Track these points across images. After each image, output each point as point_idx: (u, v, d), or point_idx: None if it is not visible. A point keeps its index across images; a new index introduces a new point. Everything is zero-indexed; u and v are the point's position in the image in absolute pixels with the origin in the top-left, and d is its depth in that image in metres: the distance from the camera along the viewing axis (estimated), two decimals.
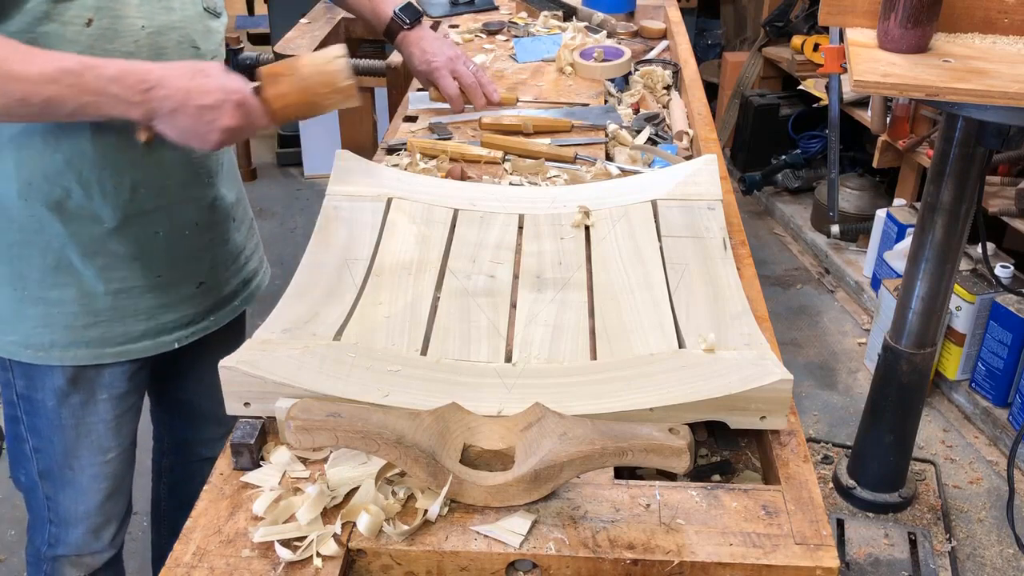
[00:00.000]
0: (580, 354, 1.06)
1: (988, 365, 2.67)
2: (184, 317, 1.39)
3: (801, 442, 0.97)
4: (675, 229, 1.30)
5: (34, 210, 1.23)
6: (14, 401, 1.37)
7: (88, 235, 1.26)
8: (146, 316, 1.35)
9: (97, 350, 1.32)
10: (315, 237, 1.27)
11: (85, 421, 1.37)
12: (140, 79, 1.09)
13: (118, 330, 1.33)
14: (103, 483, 1.43)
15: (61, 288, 1.28)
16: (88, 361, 1.33)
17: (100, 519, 1.45)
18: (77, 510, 1.43)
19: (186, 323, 1.40)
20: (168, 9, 1.23)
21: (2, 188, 1.22)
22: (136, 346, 1.35)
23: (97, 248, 1.27)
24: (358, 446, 0.86)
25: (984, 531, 2.36)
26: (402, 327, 1.10)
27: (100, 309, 1.30)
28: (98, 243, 1.27)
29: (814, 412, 2.84)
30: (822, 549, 0.84)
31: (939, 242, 1.93)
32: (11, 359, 1.32)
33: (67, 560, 1.47)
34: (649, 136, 1.70)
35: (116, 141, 1.22)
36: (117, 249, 1.28)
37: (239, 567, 0.83)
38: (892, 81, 1.42)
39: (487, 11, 2.52)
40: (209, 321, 1.44)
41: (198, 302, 1.41)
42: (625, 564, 0.83)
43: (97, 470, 1.41)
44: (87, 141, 1.20)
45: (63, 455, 1.39)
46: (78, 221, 1.25)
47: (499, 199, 1.40)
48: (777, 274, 3.62)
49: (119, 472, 1.45)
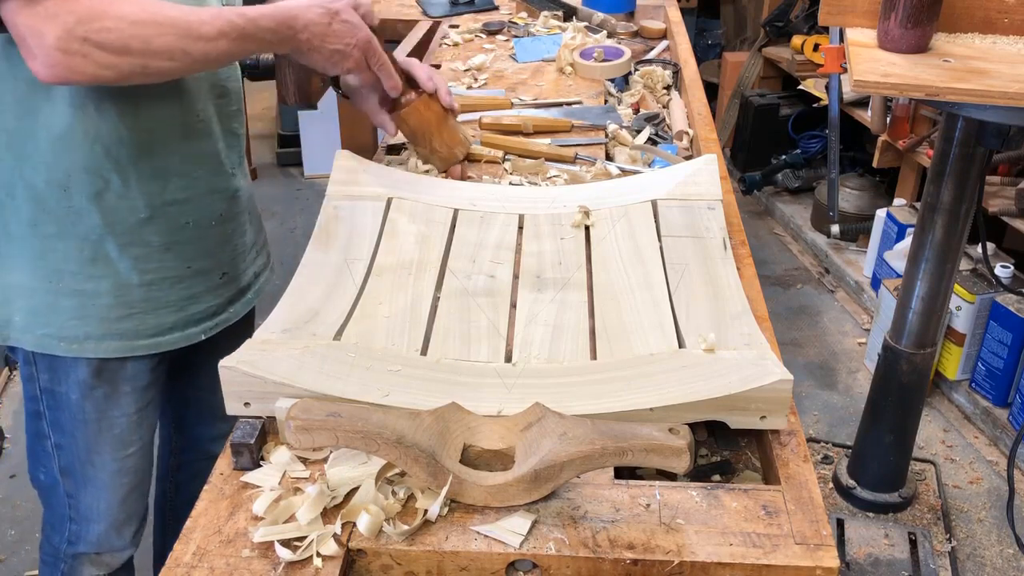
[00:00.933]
0: (580, 354, 1.06)
1: (988, 365, 2.67)
2: (210, 308, 1.41)
3: (801, 442, 0.97)
4: (675, 229, 1.30)
5: (73, 201, 1.24)
6: (37, 396, 1.37)
7: (125, 225, 1.27)
8: (176, 307, 1.36)
9: (130, 342, 1.33)
10: (315, 237, 1.28)
11: (108, 415, 1.37)
12: (289, 26, 1.22)
13: (151, 322, 1.34)
14: (125, 478, 1.43)
15: (97, 280, 1.29)
16: (121, 353, 1.33)
17: (122, 516, 1.46)
18: (99, 507, 1.43)
19: (212, 314, 1.41)
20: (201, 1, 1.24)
21: (41, 181, 1.23)
22: (166, 338, 1.36)
23: (133, 238, 1.28)
24: (358, 446, 0.86)
25: (984, 531, 2.36)
26: (402, 327, 1.10)
27: (134, 300, 1.31)
28: (134, 233, 1.28)
29: (814, 412, 2.84)
30: (822, 549, 0.84)
31: (939, 242, 1.93)
32: (39, 352, 1.32)
33: (87, 558, 1.47)
34: (649, 136, 1.70)
35: (154, 128, 1.24)
36: (151, 239, 1.30)
37: (239, 567, 0.83)
38: (892, 81, 1.42)
39: (487, 11, 2.52)
40: (230, 312, 1.45)
41: (221, 292, 1.42)
42: (625, 564, 0.83)
43: (119, 465, 1.41)
44: (126, 130, 1.22)
45: (85, 451, 1.39)
46: (116, 212, 1.26)
47: (499, 199, 1.40)
48: (777, 274, 3.62)
49: (140, 467, 1.45)
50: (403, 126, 1.48)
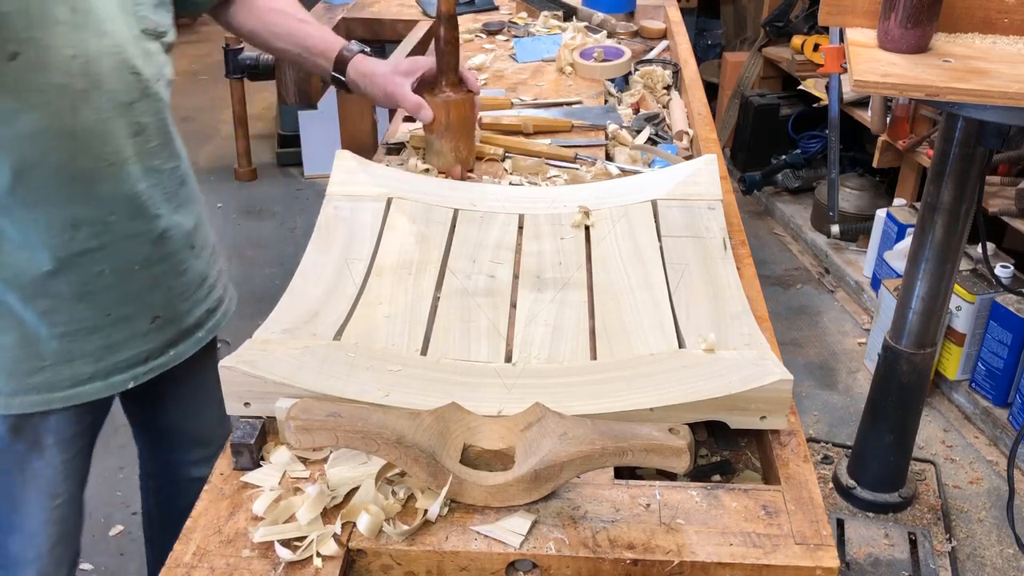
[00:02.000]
0: (580, 354, 1.06)
1: (988, 365, 2.67)
2: (140, 354, 1.32)
3: (801, 442, 0.97)
4: (675, 229, 1.30)
5: None
6: None
7: (26, 278, 1.19)
8: (95, 357, 1.27)
9: (45, 395, 1.25)
10: (315, 237, 1.27)
11: (31, 467, 1.30)
12: None
13: (66, 373, 1.26)
14: (54, 527, 1.36)
15: (2, 334, 1.21)
16: (35, 408, 1.26)
17: (51, 565, 1.39)
18: (27, 555, 1.36)
19: (143, 359, 1.33)
20: (100, 34, 1.15)
21: None
22: (85, 388, 1.28)
23: (38, 291, 1.20)
24: (358, 446, 0.86)
25: (984, 531, 2.36)
26: (402, 327, 1.10)
27: (45, 353, 1.23)
28: (39, 286, 1.20)
29: (814, 412, 2.84)
30: (822, 549, 0.84)
31: (939, 242, 1.92)
32: None
33: None
34: (649, 136, 1.70)
35: (48, 176, 1.15)
36: (61, 290, 1.21)
37: (239, 567, 0.83)
38: (892, 81, 1.42)
39: (487, 11, 2.52)
40: (169, 356, 1.36)
41: (155, 337, 1.33)
42: (625, 564, 0.83)
43: (47, 515, 1.35)
44: (15, 179, 1.14)
45: (10, 501, 1.33)
46: (14, 265, 1.18)
47: (499, 199, 1.40)
48: (777, 274, 3.62)
49: (69, 516, 1.39)
50: (444, 115, 1.49)
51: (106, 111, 1.18)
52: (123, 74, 1.19)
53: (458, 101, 1.49)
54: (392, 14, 2.57)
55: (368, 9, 2.61)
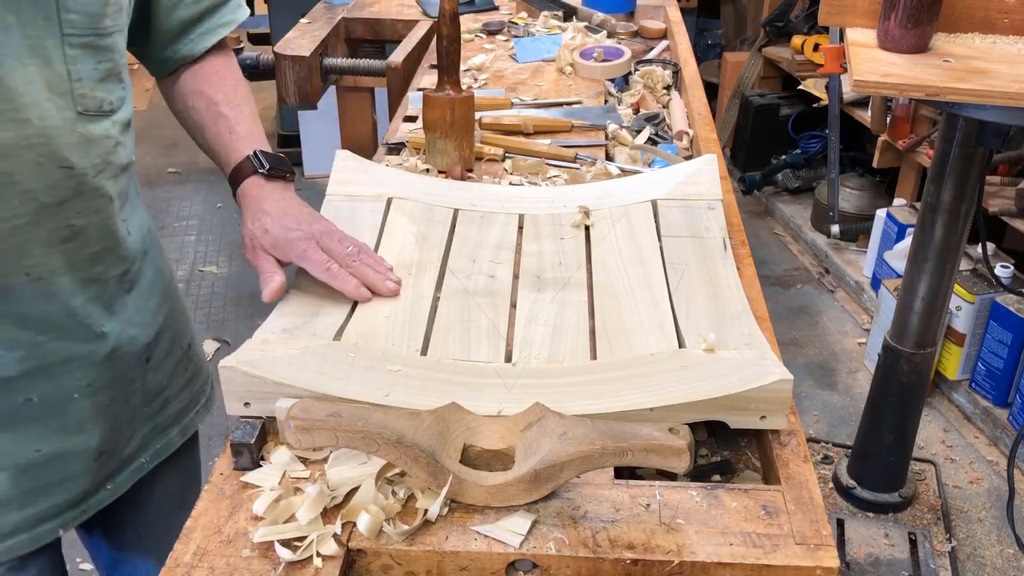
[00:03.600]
0: (580, 354, 1.06)
1: (988, 365, 2.67)
2: (75, 497, 1.12)
3: (801, 442, 0.97)
4: (675, 229, 1.30)
5: None
6: None
7: None
8: (20, 504, 1.07)
9: None
10: None
11: None
12: None
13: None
14: None
15: None
16: None
17: None
18: None
19: (76, 502, 1.12)
20: (17, 123, 0.93)
21: None
22: (8, 543, 1.08)
23: None
24: (358, 446, 0.86)
25: (984, 531, 2.36)
26: (402, 327, 1.10)
27: None
28: None
29: (814, 412, 2.84)
30: (822, 549, 0.84)
31: (939, 242, 1.93)
32: None
33: None
34: (649, 136, 1.70)
35: None
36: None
37: (239, 567, 0.83)
38: (892, 81, 1.42)
39: (487, 11, 2.52)
40: (105, 492, 1.16)
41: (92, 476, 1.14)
42: (625, 564, 0.83)
43: None
44: None
45: None
46: None
47: (499, 199, 1.40)
48: (777, 274, 3.62)
49: None
50: (448, 114, 1.50)
51: (21, 216, 0.97)
52: (48, 169, 0.97)
53: (460, 100, 1.49)
54: (392, 14, 2.57)
55: (368, 9, 2.61)
